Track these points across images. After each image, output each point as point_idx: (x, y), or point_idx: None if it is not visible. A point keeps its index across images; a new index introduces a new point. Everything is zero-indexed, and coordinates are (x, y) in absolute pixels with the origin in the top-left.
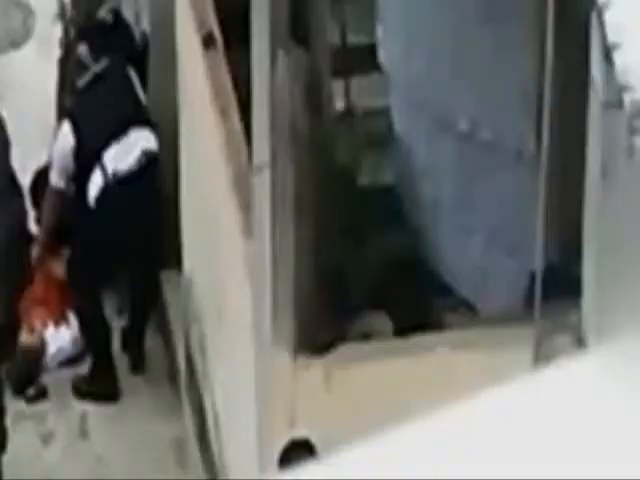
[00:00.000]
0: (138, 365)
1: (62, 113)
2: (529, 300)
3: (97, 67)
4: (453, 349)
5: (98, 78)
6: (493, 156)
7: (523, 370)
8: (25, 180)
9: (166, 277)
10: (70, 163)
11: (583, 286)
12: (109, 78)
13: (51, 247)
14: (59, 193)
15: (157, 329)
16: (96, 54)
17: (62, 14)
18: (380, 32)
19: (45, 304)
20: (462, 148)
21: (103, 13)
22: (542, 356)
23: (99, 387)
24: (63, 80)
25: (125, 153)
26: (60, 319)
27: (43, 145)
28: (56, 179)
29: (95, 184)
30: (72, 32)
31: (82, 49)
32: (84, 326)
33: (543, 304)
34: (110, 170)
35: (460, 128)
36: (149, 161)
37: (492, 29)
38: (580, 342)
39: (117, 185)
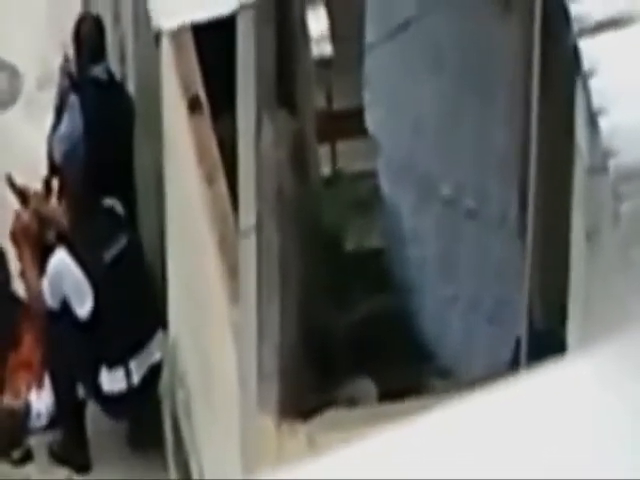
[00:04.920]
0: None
1: (51, 162)
2: (514, 365)
3: (120, 244)
4: None
5: (121, 256)
6: (476, 222)
7: None
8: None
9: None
10: (70, 299)
11: (568, 351)
12: (130, 261)
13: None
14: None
15: None
16: (86, 109)
17: (64, 66)
18: (367, 97)
19: (30, 367)
20: (445, 214)
21: (99, 71)
22: None
23: (71, 456)
24: (55, 127)
25: (146, 359)
26: (43, 381)
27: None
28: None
29: (116, 383)
30: (67, 83)
31: (73, 100)
32: (56, 399)
33: (528, 369)
34: (135, 380)
35: (443, 194)
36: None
37: (477, 95)
38: None
39: (135, 393)
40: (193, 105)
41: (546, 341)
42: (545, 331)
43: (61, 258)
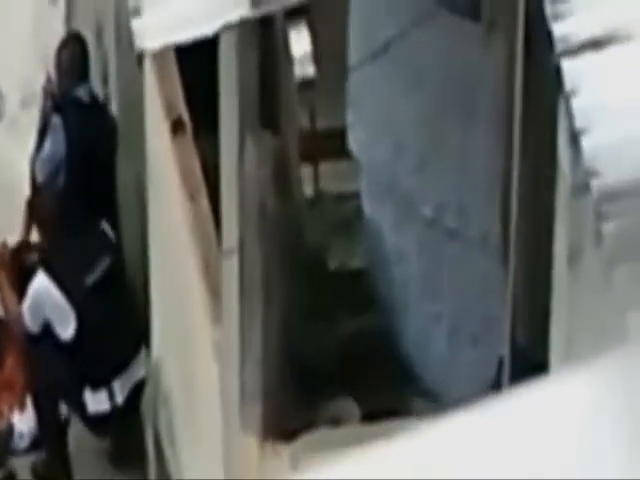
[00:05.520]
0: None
1: (34, 183)
2: (496, 386)
3: (102, 265)
4: None
5: (104, 279)
6: (458, 242)
7: None
8: None
9: None
10: (51, 323)
11: (550, 371)
12: (113, 282)
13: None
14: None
15: None
16: (68, 130)
17: (46, 87)
18: (349, 117)
19: (12, 389)
20: (427, 234)
21: (82, 92)
22: None
23: (54, 476)
24: (38, 148)
25: (129, 379)
26: (25, 402)
27: (10, 225)
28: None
29: (100, 404)
30: (50, 104)
31: (56, 121)
32: (39, 420)
33: (511, 389)
34: (119, 400)
35: (425, 214)
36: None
37: (459, 116)
38: None
39: (120, 412)
40: (176, 126)
41: (529, 362)
42: (528, 351)
43: (41, 282)
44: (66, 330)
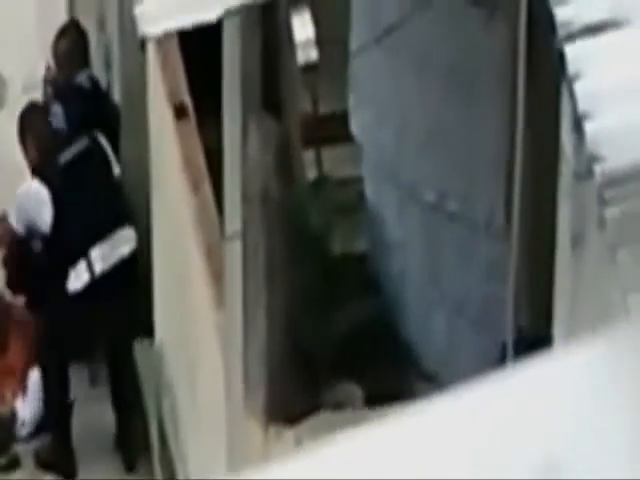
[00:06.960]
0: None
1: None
2: (500, 369)
3: (79, 145)
4: None
5: (80, 157)
6: (461, 227)
7: None
8: None
9: (137, 346)
10: (35, 220)
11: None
12: (91, 160)
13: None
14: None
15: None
16: (69, 117)
17: (46, 74)
18: (352, 101)
19: (16, 373)
20: (429, 219)
21: (82, 79)
22: None
23: (57, 463)
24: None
25: (111, 251)
26: (26, 386)
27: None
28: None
29: (79, 278)
30: (50, 91)
31: (56, 109)
32: (45, 403)
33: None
34: (98, 269)
35: (428, 199)
36: (131, 259)
37: (462, 100)
38: None
39: (102, 282)
40: (179, 111)
41: (532, 346)
42: (531, 336)
43: (27, 184)
44: (44, 218)
